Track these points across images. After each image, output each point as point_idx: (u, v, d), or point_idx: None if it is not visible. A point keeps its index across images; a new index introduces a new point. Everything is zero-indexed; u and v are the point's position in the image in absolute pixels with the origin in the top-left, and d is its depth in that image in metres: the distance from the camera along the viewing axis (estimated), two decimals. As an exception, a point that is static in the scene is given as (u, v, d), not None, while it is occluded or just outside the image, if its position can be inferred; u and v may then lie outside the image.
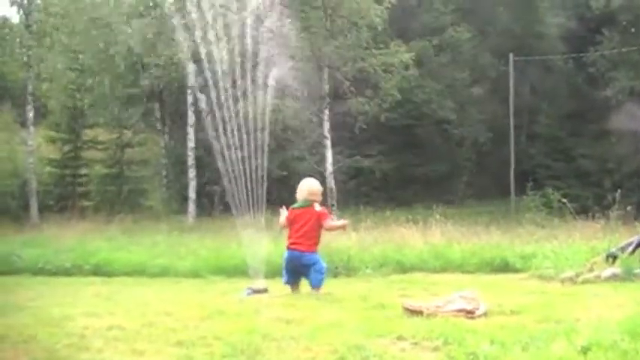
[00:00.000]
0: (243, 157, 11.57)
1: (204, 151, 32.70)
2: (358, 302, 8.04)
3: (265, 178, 11.59)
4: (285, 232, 10.04)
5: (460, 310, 6.76)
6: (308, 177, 10.12)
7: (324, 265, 9.72)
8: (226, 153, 11.57)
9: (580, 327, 5.78)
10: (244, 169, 11.44)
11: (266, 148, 11.91)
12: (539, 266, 13.40)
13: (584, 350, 4.86)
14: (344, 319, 6.76)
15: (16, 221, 28.61)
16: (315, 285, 9.37)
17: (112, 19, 32.27)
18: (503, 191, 33.84)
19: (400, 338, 5.85)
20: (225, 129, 11.81)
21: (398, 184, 36.59)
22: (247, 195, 11.45)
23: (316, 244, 9.64)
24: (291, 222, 9.48)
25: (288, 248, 9.45)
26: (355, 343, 5.53)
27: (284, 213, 9.70)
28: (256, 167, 11.64)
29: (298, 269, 9.49)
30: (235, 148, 11.56)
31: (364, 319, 6.76)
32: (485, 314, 6.83)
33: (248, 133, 11.98)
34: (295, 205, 9.57)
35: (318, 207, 9.58)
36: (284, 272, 9.71)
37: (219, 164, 11.66)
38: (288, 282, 9.68)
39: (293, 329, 6.31)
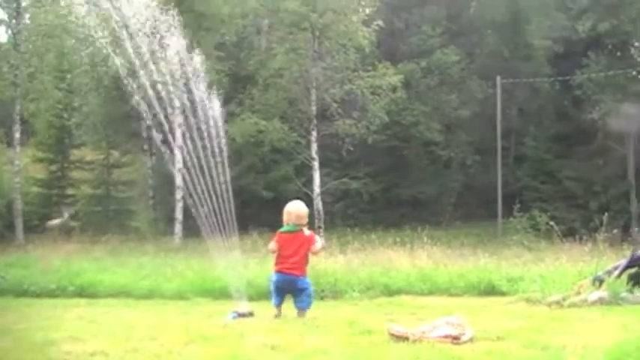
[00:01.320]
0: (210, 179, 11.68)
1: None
2: (344, 327, 7.97)
3: (231, 198, 11.63)
4: (272, 255, 10.00)
5: (446, 336, 6.71)
6: (295, 200, 10.09)
7: (312, 288, 9.73)
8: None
9: (566, 354, 5.75)
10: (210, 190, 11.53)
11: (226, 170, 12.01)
12: (526, 289, 13.39)
13: (570, 379, 4.83)
14: (329, 346, 6.69)
15: (0, 241, 28.36)
16: (304, 307, 9.43)
17: (99, 39, 32.22)
18: (491, 213, 33.89)
19: (386, 365, 5.80)
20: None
21: (385, 205, 36.61)
22: (220, 216, 11.50)
23: (306, 268, 9.71)
24: (281, 246, 9.45)
25: (282, 272, 9.44)
26: (340, 371, 5.49)
27: (271, 245, 9.71)
28: (225, 189, 11.71)
29: (290, 292, 9.53)
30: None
31: (350, 345, 6.70)
32: (471, 340, 6.78)
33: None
34: (284, 230, 9.56)
35: (307, 231, 9.61)
36: (274, 295, 9.65)
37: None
38: (278, 305, 9.65)
39: (277, 356, 6.25)
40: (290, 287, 9.45)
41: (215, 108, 12.87)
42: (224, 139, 12.04)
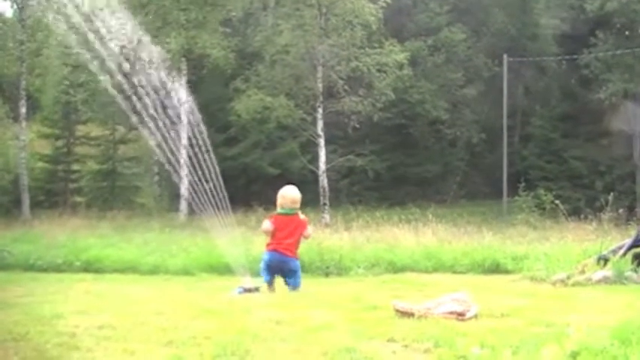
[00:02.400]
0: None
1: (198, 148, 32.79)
2: (349, 303, 8.01)
3: (220, 177, 11.85)
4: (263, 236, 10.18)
5: (451, 313, 6.74)
6: (288, 184, 10.21)
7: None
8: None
9: (570, 331, 5.76)
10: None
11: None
12: (530, 268, 13.43)
13: (574, 355, 4.85)
14: (335, 321, 6.73)
15: (7, 216, 28.51)
16: (296, 286, 9.67)
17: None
18: (496, 192, 33.90)
19: (391, 340, 5.82)
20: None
21: (391, 183, 36.63)
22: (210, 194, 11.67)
23: (298, 251, 9.99)
24: (277, 227, 9.57)
25: (276, 250, 9.59)
26: (345, 346, 5.51)
27: (265, 225, 9.81)
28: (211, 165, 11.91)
29: (282, 272, 9.70)
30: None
31: (355, 321, 6.74)
32: (476, 316, 6.81)
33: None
34: (281, 212, 9.67)
35: (301, 215, 9.85)
36: (265, 273, 9.75)
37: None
38: (269, 282, 9.77)
39: (283, 330, 6.28)
40: (282, 267, 9.64)
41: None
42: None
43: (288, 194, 9.80)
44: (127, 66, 13.87)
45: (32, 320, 7.04)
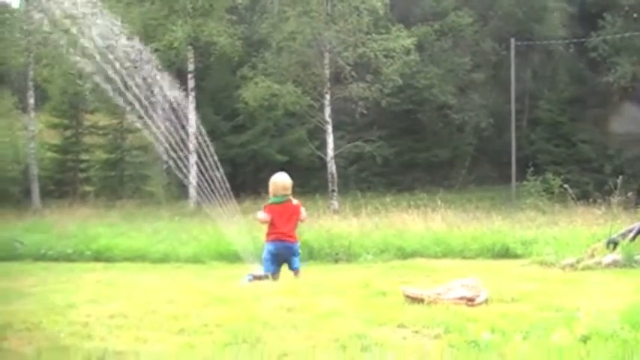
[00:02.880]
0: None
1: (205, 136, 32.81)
2: (359, 289, 8.03)
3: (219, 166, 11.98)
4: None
5: (461, 298, 6.76)
6: (279, 171, 10.25)
7: None
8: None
9: (580, 315, 5.79)
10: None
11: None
12: (540, 252, 13.46)
13: (584, 339, 4.87)
14: (345, 307, 6.76)
15: (17, 207, 28.65)
16: (299, 267, 9.80)
17: (112, 4, 32.16)
18: (504, 177, 33.83)
19: (401, 326, 5.85)
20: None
21: (399, 169, 36.60)
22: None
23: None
24: (273, 217, 9.64)
25: (280, 240, 9.66)
26: (356, 332, 5.54)
27: (261, 215, 9.86)
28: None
29: (286, 258, 9.79)
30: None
31: (365, 307, 6.77)
32: (485, 302, 6.83)
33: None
34: (273, 201, 9.77)
35: (294, 201, 9.90)
36: (268, 263, 9.79)
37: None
38: (273, 272, 9.81)
39: (294, 317, 6.32)
40: (287, 253, 9.74)
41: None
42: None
43: (279, 181, 9.86)
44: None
45: (45, 310, 7.10)
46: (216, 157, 12.22)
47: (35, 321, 6.35)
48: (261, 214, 9.81)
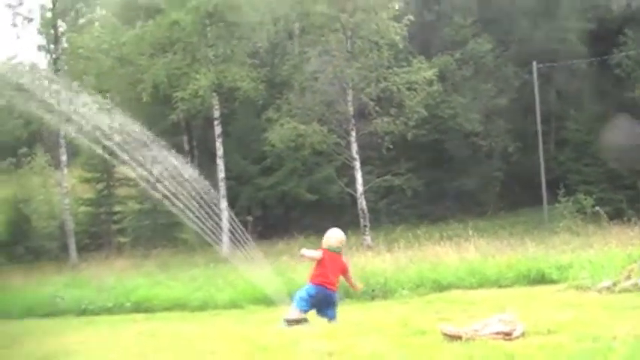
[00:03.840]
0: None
1: (235, 180, 33.11)
2: (397, 329, 8.11)
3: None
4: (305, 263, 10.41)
5: (498, 333, 6.83)
6: (333, 227, 10.51)
7: None
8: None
9: (617, 345, 5.83)
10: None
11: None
12: (575, 276, 13.43)
13: (621, 370, 4.93)
14: (385, 349, 6.84)
15: (56, 261, 29.11)
16: (334, 317, 9.93)
17: (136, 57, 32.84)
18: (536, 200, 33.69)
19: (441, 365, 5.95)
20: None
21: (429, 200, 36.55)
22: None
23: None
24: (325, 261, 9.83)
25: (323, 285, 9.89)
26: (397, 374, 5.65)
27: (312, 252, 10.06)
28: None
29: (322, 305, 9.96)
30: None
31: (404, 347, 6.85)
32: (523, 335, 6.89)
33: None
34: (330, 248, 9.97)
35: (343, 258, 10.30)
36: (304, 302, 9.94)
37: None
38: (306, 311, 9.98)
39: (336, 362, 6.43)
40: (326, 301, 9.93)
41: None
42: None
43: (335, 235, 10.18)
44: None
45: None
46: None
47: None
48: (314, 252, 10.04)
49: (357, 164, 30.66)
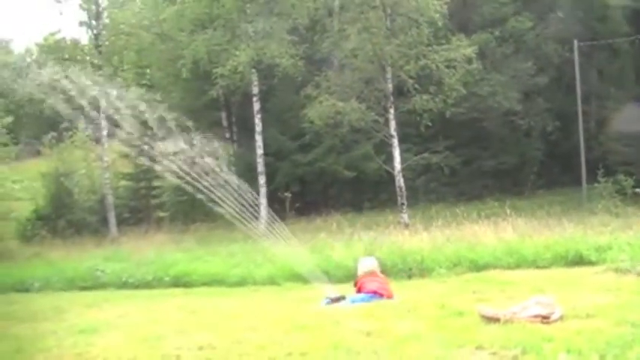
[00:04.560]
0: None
1: (273, 156, 33.30)
2: (435, 310, 8.19)
3: None
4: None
5: (536, 316, 6.88)
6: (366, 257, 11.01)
7: None
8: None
9: (656, 331, 5.86)
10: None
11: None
12: (614, 259, 13.33)
13: (660, 356, 4.96)
14: (422, 330, 6.94)
15: (96, 235, 29.51)
16: None
17: (176, 33, 33.04)
18: (574, 180, 33.38)
19: (479, 348, 6.01)
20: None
21: (467, 178, 36.41)
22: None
23: None
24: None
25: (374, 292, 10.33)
26: (435, 355, 5.74)
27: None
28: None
29: None
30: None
31: (442, 329, 6.94)
32: (561, 318, 6.93)
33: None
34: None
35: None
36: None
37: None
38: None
39: (374, 342, 6.54)
40: None
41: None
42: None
43: (363, 266, 11.11)
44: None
45: (137, 342, 7.47)
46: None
47: (130, 355, 6.71)
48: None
49: (395, 142, 30.56)
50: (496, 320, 6.90)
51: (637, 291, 9.29)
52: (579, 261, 15.01)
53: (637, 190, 18.20)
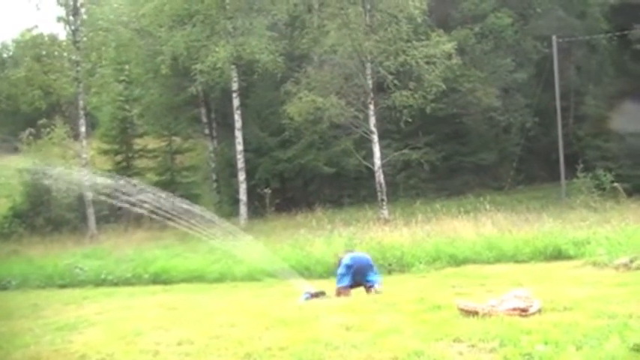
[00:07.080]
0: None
1: (253, 153, 33.22)
2: (414, 304, 8.20)
3: None
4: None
5: (514, 309, 6.90)
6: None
7: None
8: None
9: (633, 323, 5.89)
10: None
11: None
12: (592, 253, 13.44)
13: (637, 348, 4.98)
14: (402, 324, 6.95)
15: (75, 233, 29.29)
16: (377, 283, 10.76)
17: (155, 29, 32.87)
18: (553, 175, 33.58)
19: (457, 341, 6.03)
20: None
21: (447, 174, 36.53)
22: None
23: None
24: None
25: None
26: (414, 349, 5.74)
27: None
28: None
29: (365, 271, 10.71)
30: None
31: (421, 323, 6.95)
32: (539, 311, 6.96)
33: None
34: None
35: None
36: (345, 277, 10.31)
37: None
38: (351, 286, 10.40)
39: (353, 336, 6.53)
40: (365, 264, 10.89)
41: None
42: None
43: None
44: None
45: (116, 338, 7.43)
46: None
47: (109, 351, 6.67)
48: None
49: (375, 138, 30.60)
50: (474, 314, 6.91)
51: (614, 284, 9.35)
52: (558, 255, 15.10)
53: (615, 184, 18.25)
